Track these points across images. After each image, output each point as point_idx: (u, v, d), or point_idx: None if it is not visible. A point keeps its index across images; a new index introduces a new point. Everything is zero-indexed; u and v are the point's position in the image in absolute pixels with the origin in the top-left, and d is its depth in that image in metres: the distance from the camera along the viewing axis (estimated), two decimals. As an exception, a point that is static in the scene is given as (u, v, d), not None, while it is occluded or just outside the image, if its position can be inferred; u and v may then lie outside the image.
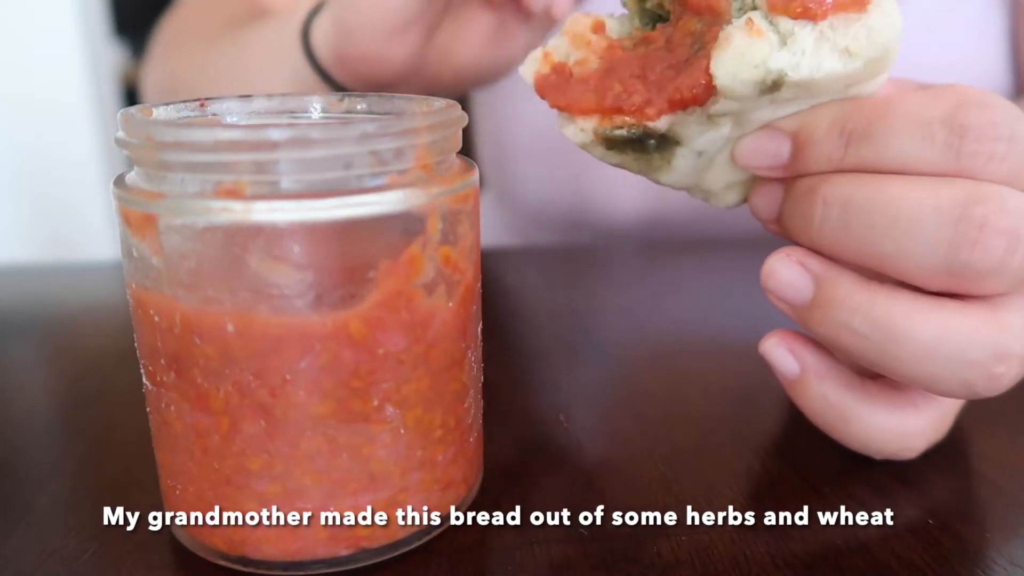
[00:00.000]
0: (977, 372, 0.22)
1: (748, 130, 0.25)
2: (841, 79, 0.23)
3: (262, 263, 0.20)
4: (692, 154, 0.26)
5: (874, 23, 0.22)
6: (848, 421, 0.26)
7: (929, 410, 0.26)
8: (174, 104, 0.25)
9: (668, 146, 0.25)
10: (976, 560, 0.24)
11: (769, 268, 0.25)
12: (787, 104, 0.24)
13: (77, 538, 0.25)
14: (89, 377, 0.37)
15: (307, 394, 0.21)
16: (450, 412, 0.24)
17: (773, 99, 0.23)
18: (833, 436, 0.27)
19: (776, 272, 0.24)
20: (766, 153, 0.25)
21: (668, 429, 0.32)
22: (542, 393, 0.35)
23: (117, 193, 0.22)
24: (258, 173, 0.20)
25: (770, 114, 0.24)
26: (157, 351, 0.22)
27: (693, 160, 0.26)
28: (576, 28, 0.26)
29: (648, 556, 0.24)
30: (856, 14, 0.22)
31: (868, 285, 0.23)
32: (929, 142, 0.21)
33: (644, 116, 0.24)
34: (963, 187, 0.21)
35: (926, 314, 0.22)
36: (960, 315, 0.22)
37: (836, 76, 0.22)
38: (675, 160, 0.26)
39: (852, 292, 0.23)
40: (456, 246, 0.23)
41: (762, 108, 0.24)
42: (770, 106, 0.24)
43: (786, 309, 0.25)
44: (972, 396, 0.23)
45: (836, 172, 0.23)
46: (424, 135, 0.22)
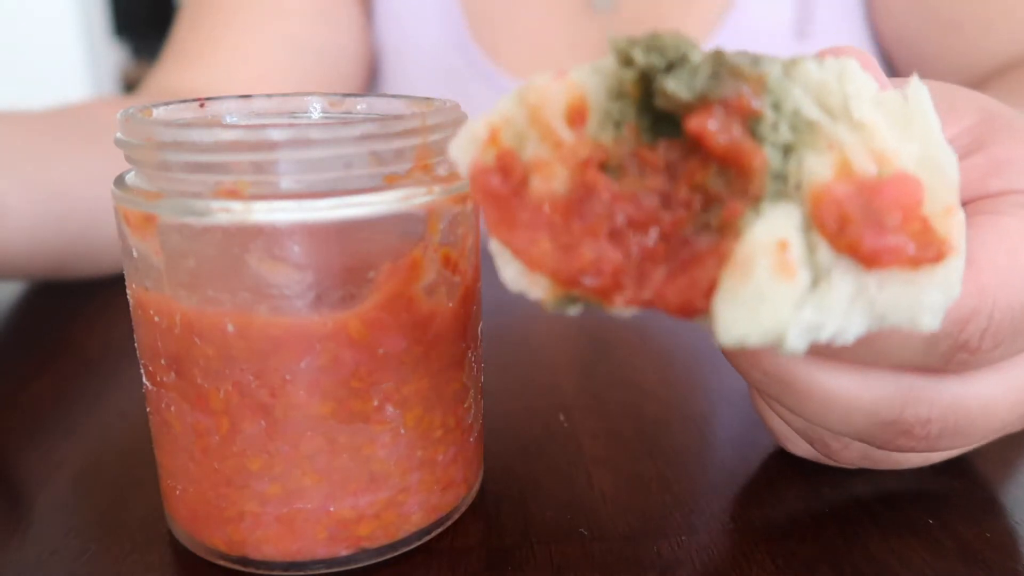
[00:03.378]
0: (883, 437, 0.22)
1: None
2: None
3: (262, 263, 0.20)
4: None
5: (927, 300, 0.16)
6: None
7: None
8: (174, 104, 0.25)
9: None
10: (976, 560, 0.24)
11: None
12: None
13: (77, 538, 0.25)
14: (89, 377, 0.37)
15: (307, 394, 0.21)
16: (450, 412, 0.24)
17: None
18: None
19: None
20: None
21: (668, 429, 0.32)
22: (542, 393, 0.35)
23: (117, 193, 0.22)
24: (258, 173, 0.20)
25: None
26: (157, 351, 0.22)
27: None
28: (543, 111, 0.18)
29: (648, 556, 0.24)
30: (911, 272, 0.16)
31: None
32: (929, 356, 0.20)
33: (609, 302, 0.17)
34: (902, 390, 0.21)
35: (825, 373, 0.21)
36: (858, 383, 0.21)
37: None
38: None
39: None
40: (456, 247, 0.23)
41: None
42: None
43: None
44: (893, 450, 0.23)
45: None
46: (424, 135, 0.22)
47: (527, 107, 0.18)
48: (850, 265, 0.16)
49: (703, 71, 0.17)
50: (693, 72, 0.17)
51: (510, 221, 0.17)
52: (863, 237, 0.16)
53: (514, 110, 0.18)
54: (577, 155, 0.18)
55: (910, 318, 0.16)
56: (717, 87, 0.17)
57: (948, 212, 0.16)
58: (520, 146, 0.18)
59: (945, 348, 0.19)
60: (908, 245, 0.16)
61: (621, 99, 0.18)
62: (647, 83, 0.17)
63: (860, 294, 0.16)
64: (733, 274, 0.16)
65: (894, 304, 0.16)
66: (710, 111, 0.17)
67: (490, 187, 0.17)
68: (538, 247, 0.17)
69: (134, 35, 2.38)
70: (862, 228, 0.16)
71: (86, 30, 1.55)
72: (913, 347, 0.20)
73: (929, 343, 0.19)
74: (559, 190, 0.18)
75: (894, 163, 0.16)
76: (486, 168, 0.18)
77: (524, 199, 0.18)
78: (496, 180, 0.18)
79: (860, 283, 0.16)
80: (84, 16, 1.55)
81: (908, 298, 0.16)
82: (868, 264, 0.16)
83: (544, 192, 0.18)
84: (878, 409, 0.21)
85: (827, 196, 0.16)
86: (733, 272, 0.16)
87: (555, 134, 0.18)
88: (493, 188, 0.17)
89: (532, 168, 0.18)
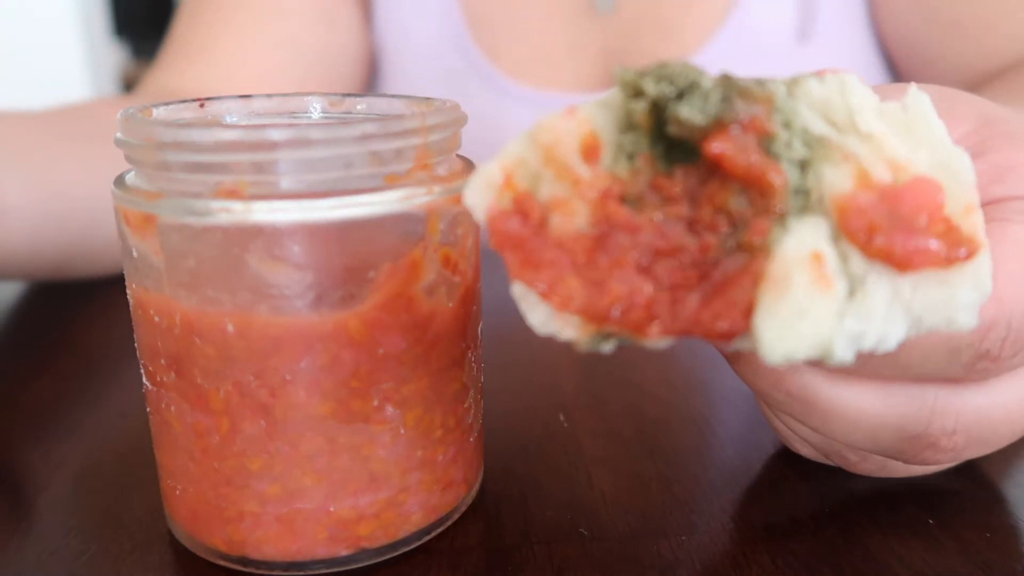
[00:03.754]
0: (910, 452, 0.22)
1: None
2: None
3: (262, 263, 0.20)
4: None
5: (962, 297, 0.16)
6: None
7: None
8: (174, 104, 0.25)
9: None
10: (976, 560, 0.24)
11: None
12: None
13: (77, 538, 0.25)
14: (89, 377, 0.37)
15: (307, 394, 0.21)
16: (450, 412, 0.24)
17: None
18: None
19: None
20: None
21: (668, 429, 0.32)
22: (542, 393, 0.35)
23: (117, 193, 0.22)
24: (258, 173, 0.20)
25: None
26: (157, 351, 0.22)
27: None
28: (558, 150, 0.18)
29: (648, 556, 0.24)
30: (943, 272, 0.16)
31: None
32: (950, 365, 0.20)
33: (645, 335, 0.17)
34: (927, 403, 0.21)
35: (849, 391, 0.21)
36: (880, 399, 0.21)
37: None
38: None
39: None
40: (456, 247, 0.23)
41: None
42: None
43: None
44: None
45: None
46: (424, 135, 0.22)
47: (540, 147, 0.18)
48: (883, 271, 0.16)
49: (714, 96, 0.17)
50: (704, 97, 0.17)
51: (534, 263, 0.17)
52: (894, 242, 0.16)
53: (526, 151, 0.18)
54: (595, 189, 0.17)
55: (947, 318, 0.17)
56: (730, 110, 0.17)
57: (969, 210, 0.16)
58: (535, 187, 0.18)
59: (967, 358, 0.19)
60: (938, 246, 0.16)
61: (632, 131, 0.18)
62: (658, 112, 0.18)
63: (896, 299, 0.16)
64: (771, 292, 0.16)
65: (930, 305, 0.16)
66: (727, 133, 0.17)
67: (510, 231, 0.17)
68: (566, 286, 0.17)
69: (134, 35, 2.38)
70: (892, 233, 0.16)
71: (86, 30, 1.55)
72: (937, 358, 0.20)
73: (952, 353, 0.19)
74: (581, 227, 0.17)
75: (909, 170, 0.17)
76: (503, 212, 0.17)
77: (546, 239, 0.17)
78: (515, 223, 0.17)
79: (895, 288, 0.16)
80: (84, 16, 1.55)
81: (943, 298, 0.16)
82: (901, 268, 0.16)
83: (566, 230, 0.17)
84: (904, 424, 0.21)
85: (852, 205, 0.16)
86: (770, 289, 0.16)
87: (571, 171, 0.18)
88: (513, 231, 0.17)
89: (550, 207, 0.17)
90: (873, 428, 0.21)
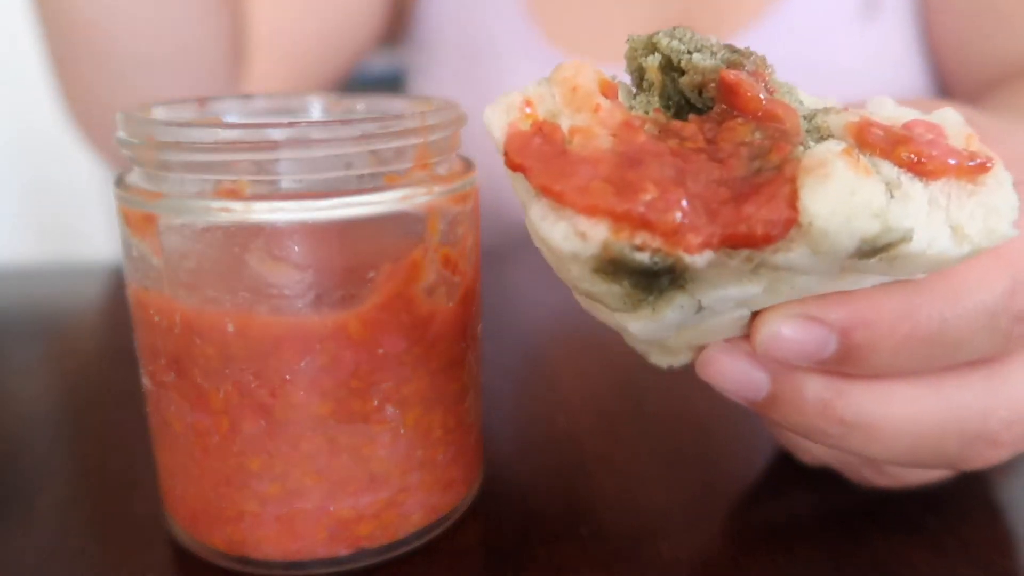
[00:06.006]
0: (968, 454, 0.21)
1: (776, 298, 0.19)
2: (938, 263, 0.17)
3: (262, 263, 0.20)
4: (692, 306, 0.18)
5: (995, 201, 0.17)
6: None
7: None
8: (174, 104, 0.25)
9: (671, 290, 0.18)
10: (976, 560, 0.24)
11: (707, 357, 0.20)
12: (847, 276, 0.18)
13: (77, 538, 0.25)
14: (89, 377, 0.37)
15: (307, 394, 0.21)
16: (450, 412, 0.24)
17: (848, 267, 0.17)
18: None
19: (718, 364, 0.20)
20: (805, 347, 0.19)
21: (668, 428, 0.32)
22: (542, 393, 0.35)
23: (117, 193, 0.22)
24: (258, 173, 0.20)
25: (816, 285, 0.18)
26: (157, 351, 0.22)
27: (687, 314, 0.18)
28: (579, 79, 0.18)
29: (648, 556, 0.24)
30: (971, 185, 0.17)
31: (833, 383, 0.20)
32: (993, 334, 0.19)
33: (682, 244, 0.16)
34: (980, 396, 0.20)
35: (898, 406, 0.20)
36: (936, 399, 0.20)
37: (940, 259, 0.17)
38: (667, 309, 0.18)
39: (817, 391, 0.20)
40: (456, 247, 0.23)
41: (822, 276, 0.18)
42: (829, 277, 0.18)
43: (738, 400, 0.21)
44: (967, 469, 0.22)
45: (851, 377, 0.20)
46: (424, 135, 0.22)
47: (559, 83, 0.18)
48: (914, 177, 0.17)
49: (720, 54, 0.18)
50: (713, 52, 0.18)
51: (560, 174, 0.16)
52: (915, 143, 0.17)
53: (544, 91, 0.18)
54: (615, 117, 0.17)
55: (985, 228, 0.17)
56: (737, 61, 0.18)
57: (971, 139, 0.18)
58: (556, 120, 0.18)
59: (1006, 322, 0.19)
60: (955, 153, 0.17)
61: (644, 92, 0.19)
62: (669, 70, 0.18)
63: (934, 204, 0.17)
64: (814, 176, 0.15)
65: (966, 213, 0.17)
66: (740, 69, 0.18)
67: (530, 146, 0.17)
68: (595, 191, 0.16)
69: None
70: (910, 140, 0.17)
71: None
72: (981, 326, 0.19)
73: (992, 316, 0.19)
74: (604, 146, 0.17)
75: (905, 118, 0.18)
76: (523, 132, 0.17)
77: (569, 156, 0.17)
78: (538, 141, 0.17)
79: (930, 195, 0.17)
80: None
81: (977, 206, 0.17)
82: (927, 174, 0.17)
83: (590, 148, 0.17)
84: (964, 424, 0.20)
85: (865, 125, 0.17)
86: (813, 175, 0.15)
87: (593, 97, 0.17)
88: (534, 147, 0.17)
89: (572, 133, 0.17)
90: (936, 439, 0.20)
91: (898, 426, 0.20)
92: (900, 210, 0.16)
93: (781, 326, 0.19)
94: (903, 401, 0.20)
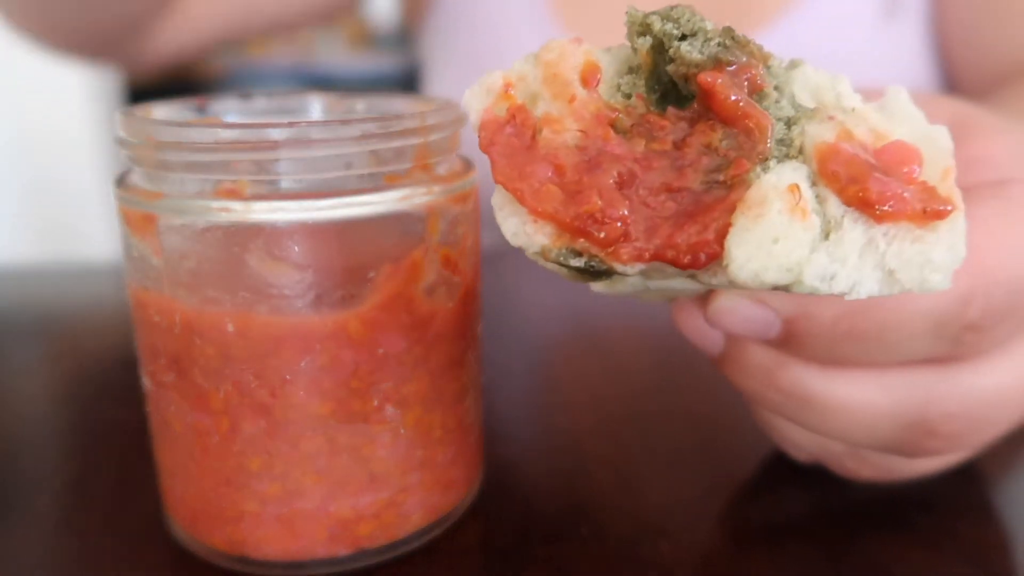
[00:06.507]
0: (910, 442, 0.22)
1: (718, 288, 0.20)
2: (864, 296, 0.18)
3: (262, 263, 0.20)
4: (641, 283, 0.20)
5: (937, 253, 0.17)
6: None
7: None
8: (174, 104, 0.25)
9: (616, 276, 0.19)
10: (977, 560, 0.24)
11: (676, 309, 0.23)
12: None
13: (77, 538, 0.25)
14: (89, 377, 0.37)
15: (307, 394, 0.21)
16: (450, 412, 0.24)
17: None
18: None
19: (682, 317, 0.23)
20: (750, 326, 0.21)
21: (668, 429, 0.32)
22: (542, 393, 0.35)
23: (117, 193, 0.22)
24: (258, 173, 0.20)
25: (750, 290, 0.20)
26: (157, 351, 0.22)
27: (638, 287, 0.20)
28: (560, 66, 0.18)
29: (648, 556, 0.24)
30: (920, 230, 0.17)
31: (778, 355, 0.22)
32: (938, 340, 0.20)
33: (615, 257, 0.17)
34: (923, 388, 0.21)
35: (844, 383, 0.21)
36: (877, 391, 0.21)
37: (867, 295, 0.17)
38: (619, 285, 0.20)
39: (761, 359, 0.22)
40: (456, 247, 0.23)
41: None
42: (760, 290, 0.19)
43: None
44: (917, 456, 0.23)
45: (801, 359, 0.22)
46: (424, 135, 0.22)
47: (542, 63, 0.18)
48: (859, 219, 0.17)
49: (714, 40, 0.18)
50: (706, 40, 0.18)
51: (517, 168, 0.18)
52: (870, 187, 0.16)
53: (528, 70, 0.19)
54: (589, 110, 0.18)
55: (920, 277, 0.17)
56: (727, 54, 0.18)
57: (947, 174, 0.17)
58: (532, 105, 0.18)
59: (954, 330, 0.20)
60: (913, 197, 0.16)
61: (631, 73, 0.19)
62: (659, 53, 0.18)
63: (870, 248, 0.17)
64: (747, 215, 0.16)
65: (903, 261, 0.17)
66: (721, 71, 0.17)
67: (500, 136, 0.18)
68: (545, 191, 0.17)
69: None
70: (868, 180, 0.16)
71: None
72: (924, 334, 0.20)
73: (938, 327, 0.20)
74: (569, 143, 0.18)
75: (890, 136, 0.17)
76: (498, 120, 0.18)
77: (534, 152, 0.18)
78: (508, 131, 0.18)
79: (869, 237, 0.17)
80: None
81: (917, 256, 0.17)
82: (876, 216, 0.16)
83: (554, 143, 0.18)
84: (901, 411, 0.21)
85: (832, 152, 0.17)
86: (746, 213, 0.16)
87: (569, 88, 0.18)
88: (504, 138, 0.18)
89: (543, 123, 0.18)
90: (871, 419, 0.21)
91: (837, 403, 0.21)
92: (824, 258, 0.16)
93: (732, 303, 0.21)
94: (843, 381, 0.21)
